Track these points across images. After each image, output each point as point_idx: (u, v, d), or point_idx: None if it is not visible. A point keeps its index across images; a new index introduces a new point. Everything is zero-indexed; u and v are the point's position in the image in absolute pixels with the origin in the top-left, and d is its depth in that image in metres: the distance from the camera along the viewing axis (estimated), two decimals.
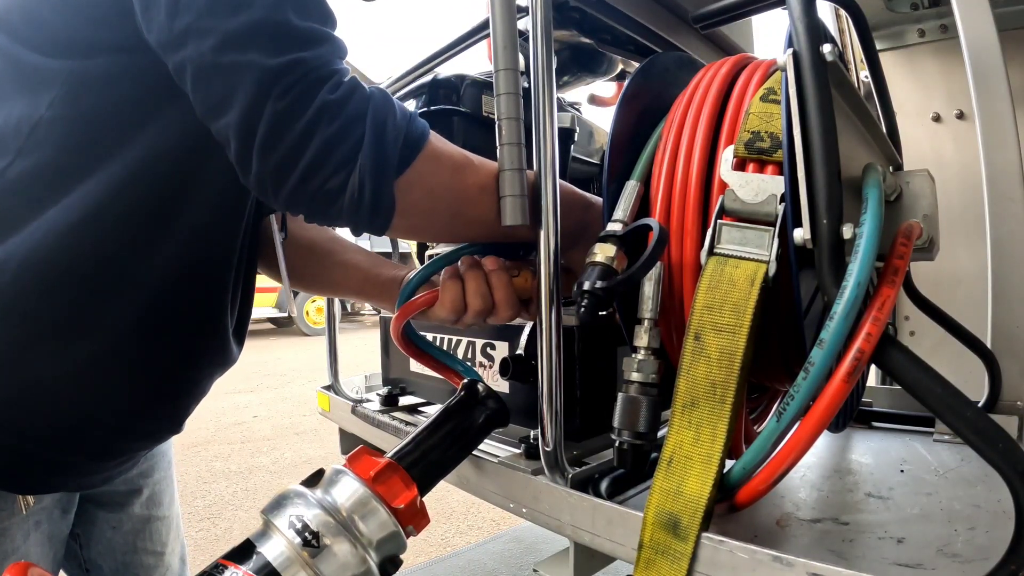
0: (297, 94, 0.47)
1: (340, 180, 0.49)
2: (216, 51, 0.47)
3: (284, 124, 0.47)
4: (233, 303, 0.68)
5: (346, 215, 0.51)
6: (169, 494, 0.87)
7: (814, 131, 0.43)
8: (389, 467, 0.51)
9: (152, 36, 0.50)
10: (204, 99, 0.49)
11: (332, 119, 0.48)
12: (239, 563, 0.45)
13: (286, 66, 0.47)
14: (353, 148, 0.49)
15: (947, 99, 1.27)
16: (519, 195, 0.55)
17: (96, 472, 0.67)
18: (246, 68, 0.47)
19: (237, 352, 0.73)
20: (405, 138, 0.52)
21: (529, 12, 0.54)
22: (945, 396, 0.38)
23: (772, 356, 0.57)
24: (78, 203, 0.53)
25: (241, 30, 0.47)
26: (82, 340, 0.56)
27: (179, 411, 0.69)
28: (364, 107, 0.50)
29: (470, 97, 0.81)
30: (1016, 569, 0.37)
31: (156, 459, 0.84)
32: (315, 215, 0.53)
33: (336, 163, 0.49)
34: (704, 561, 0.45)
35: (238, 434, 3.68)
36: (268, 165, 0.48)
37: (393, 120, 0.51)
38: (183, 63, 0.49)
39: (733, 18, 0.65)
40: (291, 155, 0.48)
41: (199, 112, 0.51)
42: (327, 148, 0.48)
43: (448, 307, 0.62)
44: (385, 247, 1.14)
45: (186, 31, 0.48)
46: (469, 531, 2.42)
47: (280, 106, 0.47)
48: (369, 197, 0.50)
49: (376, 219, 0.52)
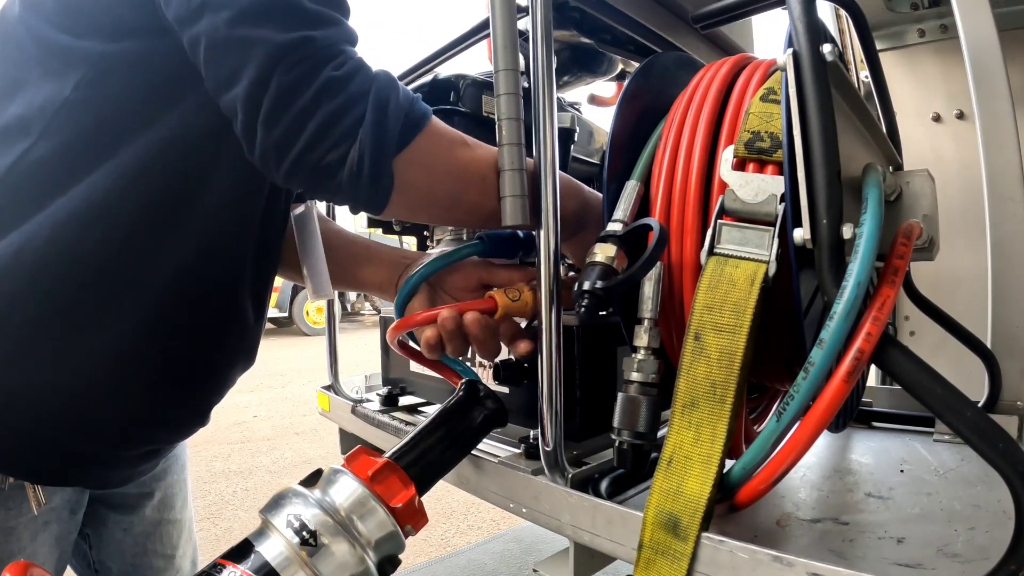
0: (303, 70, 0.49)
1: (340, 154, 0.51)
2: (230, 24, 0.49)
3: (288, 98, 0.49)
4: (252, 290, 0.68)
5: (345, 190, 0.52)
6: (182, 497, 0.86)
7: (814, 131, 0.43)
8: (387, 466, 0.51)
9: (171, 11, 0.52)
10: (215, 72, 0.51)
11: (335, 95, 0.50)
12: (238, 562, 0.45)
13: (295, 42, 0.49)
14: (354, 124, 0.50)
15: (947, 99, 1.27)
16: (519, 195, 0.55)
17: (117, 466, 0.67)
18: (257, 42, 0.48)
19: (257, 342, 0.73)
20: (406, 117, 0.53)
21: (529, 12, 0.54)
22: (945, 396, 0.38)
23: (772, 356, 0.57)
24: (101, 183, 0.54)
25: (255, 6, 0.49)
26: (102, 321, 0.56)
27: (201, 400, 0.69)
28: (367, 85, 0.51)
29: (470, 97, 0.81)
30: (1016, 569, 0.37)
31: (170, 462, 0.84)
32: (315, 189, 0.54)
33: (336, 137, 0.50)
34: (704, 561, 0.45)
35: (238, 434, 3.68)
36: (271, 137, 0.50)
37: (396, 99, 0.53)
38: (197, 36, 0.50)
39: (733, 18, 0.65)
40: (293, 128, 0.49)
41: (209, 86, 0.52)
42: (328, 122, 0.50)
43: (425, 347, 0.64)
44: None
45: (203, 4, 0.49)
46: (469, 531, 2.42)
47: (285, 80, 0.48)
48: (368, 172, 0.51)
49: (374, 195, 0.53)
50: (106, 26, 0.54)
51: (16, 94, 0.56)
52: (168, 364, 0.62)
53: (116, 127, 0.55)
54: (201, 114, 0.57)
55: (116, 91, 0.55)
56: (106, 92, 0.55)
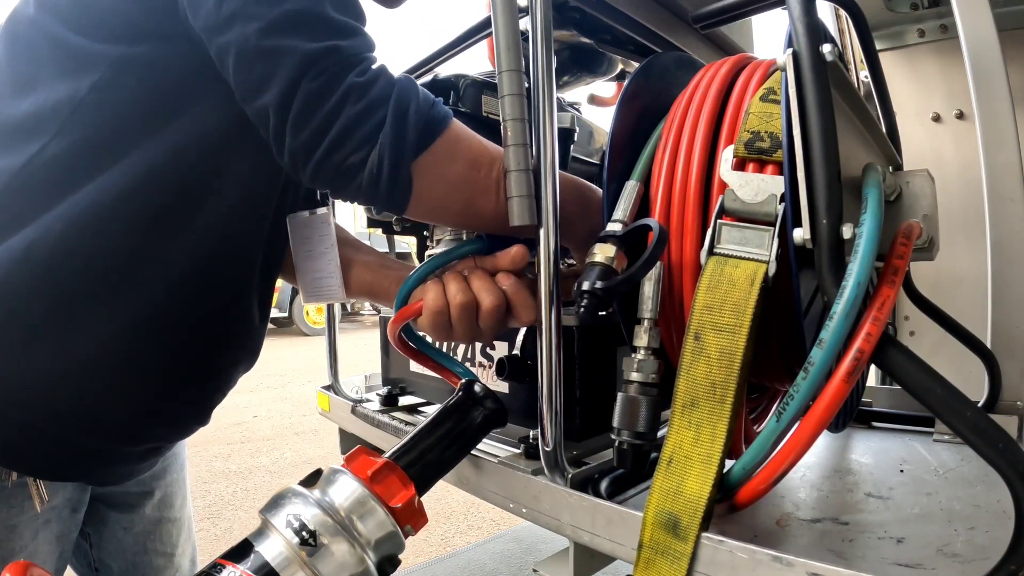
0: (329, 76, 0.51)
1: (361, 156, 0.53)
2: (260, 35, 0.51)
3: (315, 103, 0.51)
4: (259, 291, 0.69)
5: (365, 191, 0.55)
6: (181, 496, 0.87)
7: (814, 131, 0.43)
8: (387, 466, 0.51)
9: (199, 21, 0.53)
10: (244, 80, 0.53)
11: (357, 100, 0.52)
12: (237, 562, 0.45)
13: (323, 51, 0.51)
14: (375, 127, 0.53)
15: (947, 99, 1.27)
16: (526, 195, 0.55)
17: (120, 462, 0.67)
18: (287, 52, 0.51)
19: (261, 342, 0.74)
20: (426, 122, 0.55)
21: (529, 12, 0.54)
22: (945, 396, 0.38)
23: (772, 356, 0.57)
24: (113, 183, 0.56)
25: (284, 17, 0.51)
26: (109, 318, 0.57)
27: (205, 398, 0.70)
28: (389, 91, 0.54)
29: (470, 97, 0.81)
30: (1016, 569, 0.37)
31: (170, 461, 0.85)
32: (338, 189, 0.56)
33: (358, 140, 0.53)
34: (704, 561, 0.45)
35: (238, 434, 3.68)
36: (299, 140, 0.52)
37: (416, 104, 0.54)
38: (227, 45, 0.52)
39: (733, 18, 0.65)
40: (319, 131, 0.52)
41: (238, 93, 0.54)
42: (351, 126, 0.52)
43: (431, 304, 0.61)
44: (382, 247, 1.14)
45: (232, 15, 0.51)
46: (469, 531, 2.42)
47: (313, 87, 0.51)
48: (387, 174, 0.53)
49: (393, 196, 0.55)
50: (120, 30, 0.56)
51: (29, 92, 0.57)
52: (174, 362, 0.63)
53: (129, 129, 0.56)
54: (212, 120, 0.58)
55: (129, 94, 0.56)
56: (120, 95, 0.56)
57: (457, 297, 0.60)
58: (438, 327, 0.62)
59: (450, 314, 0.61)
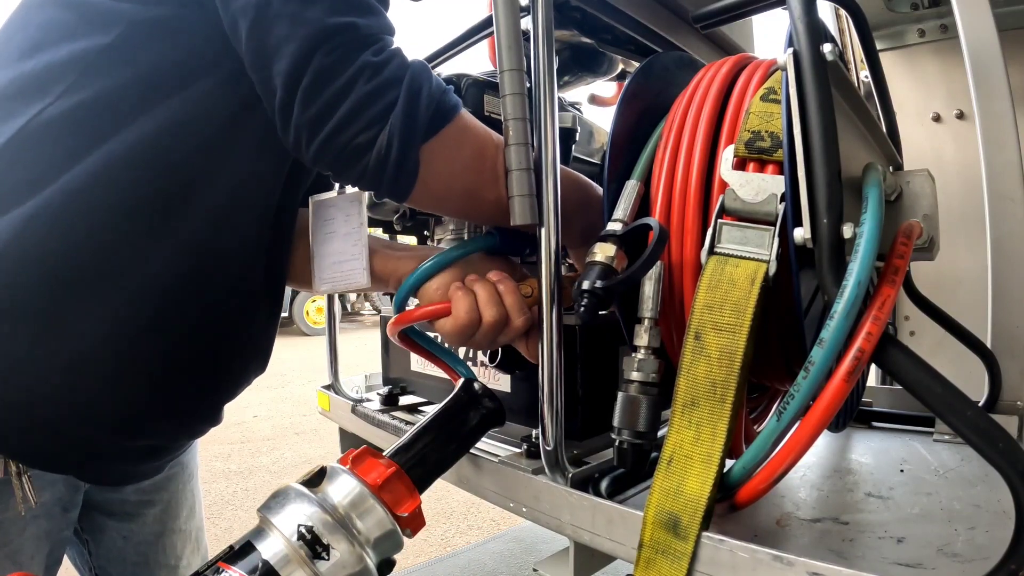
0: (343, 52, 0.50)
1: (369, 137, 0.52)
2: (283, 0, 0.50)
3: (326, 78, 0.50)
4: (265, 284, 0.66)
5: (371, 173, 0.53)
6: (188, 507, 0.84)
7: (814, 131, 0.43)
8: (395, 475, 0.51)
9: None
10: (258, 45, 0.51)
11: (370, 79, 0.51)
12: (237, 562, 0.45)
13: (341, 26, 0.50)
14: (386, 108, 0.51)
15: (947, 99, 1.27)
16: (528, 195, 0.55)
17: (115, 458, 0.64)
18: (307, 21, 0.50)
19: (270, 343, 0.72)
20: (437, 107, 0.54)
21: (530, 12, 0.54)
22: (945, 396, 0.38)
23: (772, 356, 0.57)
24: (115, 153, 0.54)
25: None
26: (103, 298, 0.55)
27: (208, 396, 0.67)
28: (402, 72, 0.52)
29: (471, 97, 0.81)
30: (1016, 569, 0.37)
31: (175, 470, 0.82)
32: (341, 171, 0.55)
33: (367, 120, 0.51)
34: (704, 560, 0.45)
35: (238, 434, 3.68)
36: (306, 115, 0.51)
37: (428, 88, 0.53)
38: (245, 7, 0.51)
39: (733, 18, 0.65)
40: (328, 108, 0.51)
41: (248, 60, 0.53)
42: (361, 105, 0.51)
43: (464, 318, 0.60)
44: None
45: None
46: (469, 531, 2.42)
47: (326, 61, 0.50)
48: (395, 157, 0.52)
49: (399, 180, 0.54)
50: None
51: (36, 54, 0.55)
52: (172, 352, 0.60)
53: (137, 94, 0.55)
54: (219, 95, 0.57)
55: (142, 56, 0.55)
56: (132, 56, 0.54)
57: (491, 314, 0.59)
58: (464, 338, 0.61)
59: (479, 327, 0.60)
